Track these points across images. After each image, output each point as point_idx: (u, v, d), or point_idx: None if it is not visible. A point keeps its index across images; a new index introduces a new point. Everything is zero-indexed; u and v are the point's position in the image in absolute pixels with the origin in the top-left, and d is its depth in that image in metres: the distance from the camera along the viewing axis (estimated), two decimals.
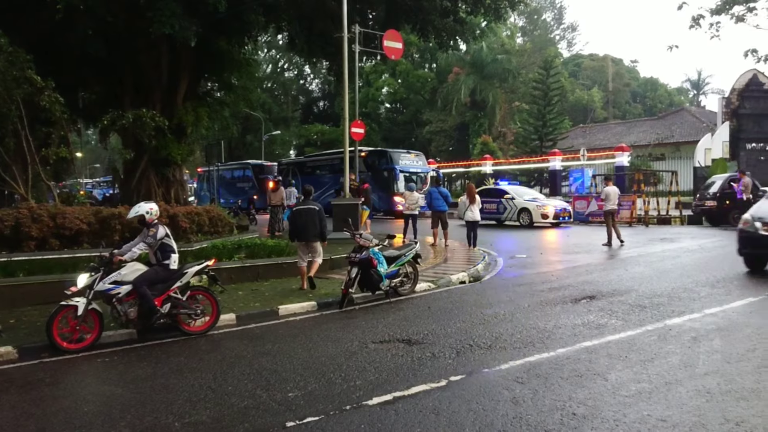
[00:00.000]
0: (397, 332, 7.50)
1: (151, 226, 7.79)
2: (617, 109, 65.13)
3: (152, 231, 7.72)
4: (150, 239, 7.72)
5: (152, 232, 7.71)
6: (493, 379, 5.50)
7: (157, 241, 7.74)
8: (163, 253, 7.82)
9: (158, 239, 7.75)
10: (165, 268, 7.79)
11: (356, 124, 18.86)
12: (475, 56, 52.06)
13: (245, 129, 59.28)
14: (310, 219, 10.53)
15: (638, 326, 7.30)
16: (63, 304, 7.15)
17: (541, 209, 22.73)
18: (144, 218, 7.85)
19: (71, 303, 7.15)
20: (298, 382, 5.57)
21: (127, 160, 23.56)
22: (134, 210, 8.05)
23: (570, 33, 78.37)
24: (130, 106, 20.39)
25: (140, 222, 7.94)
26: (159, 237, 7.76)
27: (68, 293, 7.28)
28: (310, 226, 10.53)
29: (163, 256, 7.81)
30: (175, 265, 7.91)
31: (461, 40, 27.76)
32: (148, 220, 7.85)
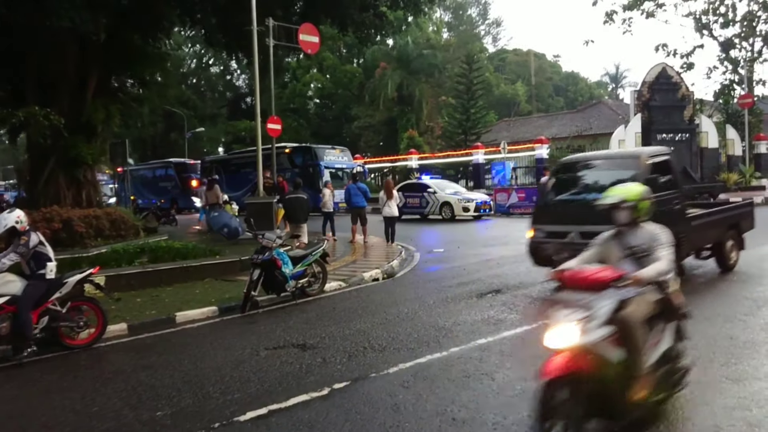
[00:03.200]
0: (294, 337, 7.22)
1: (22, 234, 7.11)
2: (540, 103, 66.73)
3: (23, 239, 7.01)
4: (22, 248, 7.01)
5: (23, 240, 7.01)
6: (378, 385, 5.30)
7: (30, 250, 7.09)
8: (38, 262, 7.16)
9: (31, 248, 7.09)
10: (41, 279, 7.16)
11: (273, 119, 18.41)
12: (401, 51, 52.15)
13: (169, 126, 57.37)
14: (299, 206, 13.30)
15: (536, 320, 7.27)
16: None
17: (462, 203, 22.87)
18: (15, 229, 7.14)
19: None
20: (171, 399, 5.21)
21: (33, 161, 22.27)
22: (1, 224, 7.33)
23: (495, 28, 79.67)
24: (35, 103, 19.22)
25: (11, 234, 7.21)
26: (32, 245, 7.10)
27: None
28: (299, 211, 13.29)
29: (38, 265, 7.15)
30: (52, 274, 7.25)
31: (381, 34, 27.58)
32: (20, 229, 7.19)
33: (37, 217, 11.40)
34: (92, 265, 10.63)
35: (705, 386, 4.99)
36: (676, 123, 28.89)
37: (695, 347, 5.91)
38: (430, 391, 5.06)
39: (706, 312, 7.47)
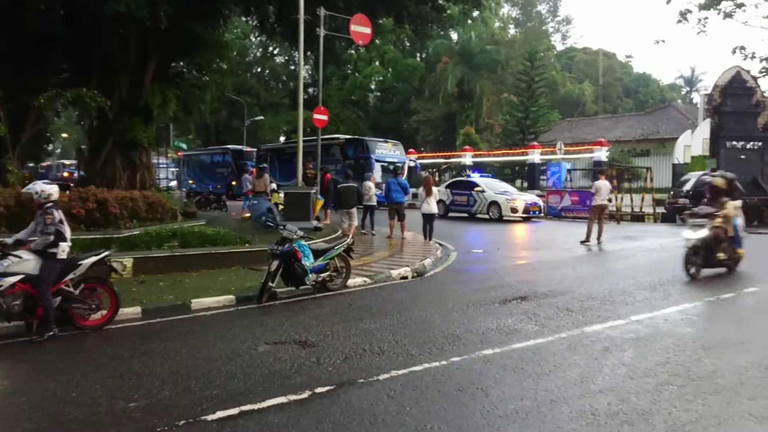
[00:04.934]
0: (298, 332, 7.01)
1: (46, 211, 7.05)
2: (608, 104, 64.53)
3: (49, 218, 6.99)
4: (50, 227, 7.02)
5: (49, 219, 7.00)
6: (362, 393, 5.01)
7: (54, 227, 7.06)
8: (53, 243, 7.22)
9: (56, 224, 7.07)
10: (53, 258, 7.16)
11: (319, 110, 18.30)
12: (464, 46, 51.48)
13: (232, 114, 58.56)
14: (350, 193, 15.50)
15: (553, 333, 6.82)
16: None
17: (510, 203, 22.21)
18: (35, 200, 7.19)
19: None
20: (151, 390, 5.07)
21: (93, 142, 23.01)
22: (29, 187, 7.41)
23: (564, 26, 77.72)
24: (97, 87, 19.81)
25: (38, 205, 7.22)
26: (57, 221, 7.07)
27: None
28: (350, 198, 15.41)
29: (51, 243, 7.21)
30: (63, 255, 7.21)
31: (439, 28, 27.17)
32: (36, 203, 7.23)
33: (72, 196, 11.63)
34: (122, 246, 10.89)
35: (724, 422, 4.47)
36: (748, 130, 27.16)
37: (722, 375, 5.38)
38: (415, 403, 4.73)
39: (743, 335, 6.84)
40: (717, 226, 10.52)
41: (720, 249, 10.52)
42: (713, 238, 10.43)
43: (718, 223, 10.54)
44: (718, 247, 10.48)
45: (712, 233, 10.42)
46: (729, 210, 10.76)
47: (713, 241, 10.41)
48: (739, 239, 10.91)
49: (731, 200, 11.05)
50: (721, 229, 10.55)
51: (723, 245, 10.56)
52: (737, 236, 10.82)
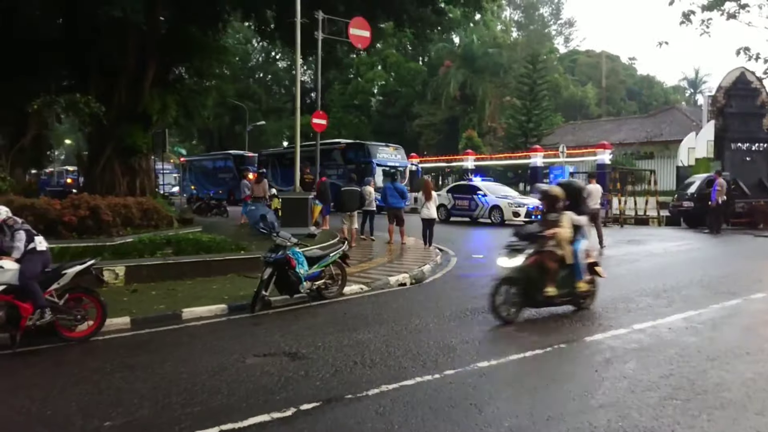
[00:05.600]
0: (289, 343, 6.79)
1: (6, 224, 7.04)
2: (611, 107, 64.21)
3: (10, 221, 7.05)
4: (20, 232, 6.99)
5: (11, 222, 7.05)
6: (349, 410, 4.77)
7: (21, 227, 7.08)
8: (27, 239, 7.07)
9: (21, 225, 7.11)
10: (32, 252, 7.02)
11: (318, 114, 18.11)
12: (466, 49, 51.27)
13: (234, 119, 58.52)
14: (353, 197, 15.88)
15: (553, 343, 6.58)
16: None
17: (512, 207, 21.95)
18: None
19: None
20: (129, 407, 4.85)
21: (92, 148, 22.89)
22: None
23: (567, 28, 77.32)
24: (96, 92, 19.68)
25: None
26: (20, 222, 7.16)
27: None
28: (352, 201, 15.76)
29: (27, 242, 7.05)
30: (42, 246, 7.16)
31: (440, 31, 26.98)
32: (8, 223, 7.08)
33: (65, 204, 11.45)
34: (114, 254, 10.69)
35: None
36: (754, 132, 26.84)
37: (728, 388, 5.13)
38: (404, 422, 4.49)
39: (750, 344, 6.58)
40: (543, 251, 7.83)
41: (548, 282, 7.70)
42: (536, 268, 7.76)
43: (549, 247, 7.85)
44: (545, 280, 7.71)
45: (533, 261, 7.77)
46: (562, 229, 7.87)
47: (536, 271, 7.74)
48: (579, 269, 7.97)
49: (576, 214, 8.27)
50: (549, 255, 7.80)
51: (553, 277, 7.74)
52: (578, 264, 7.95)
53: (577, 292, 8.01)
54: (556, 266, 7.78)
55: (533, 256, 7.80)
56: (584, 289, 8.05)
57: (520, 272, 7.73)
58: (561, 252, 7.84)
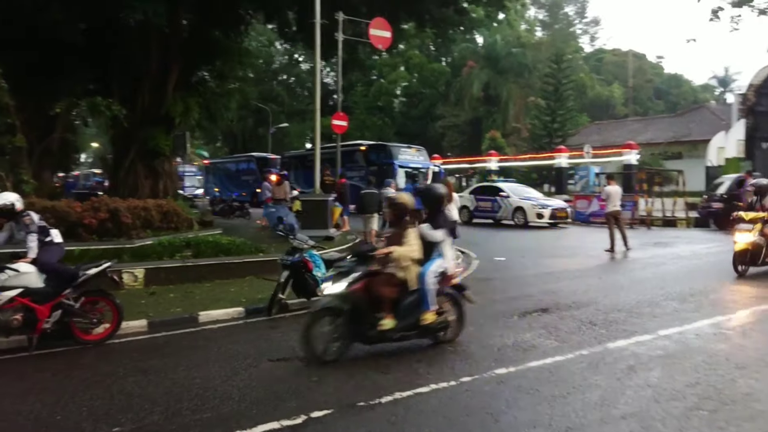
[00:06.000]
0: None
1: (23, 215, 7.24)
2: (638, 106, 63.19)
3: (27, 219, 7.22)
4: (33, 227, 7.23)
5: (28, 220, 7.21)
6: (361, 418, 4.65)
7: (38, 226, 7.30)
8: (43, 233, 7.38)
9: (38, 224, 7.32)
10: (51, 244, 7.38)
11: (338, 116, 18.05)
12: (490, 49, 50.92)
13: (258, 121, 58.88)
14: (372, 199, 15.59)
15: (573, 349, 6.37)
16: None
17: (536, 208, 21.65)
18: (13, 210, 7.24)
19: None
20: (139, 413, 4.78)
21: (116, 151, 23.17)
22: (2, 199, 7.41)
23: (593, 27, 76.61)
24: (120, 95, 19.90)
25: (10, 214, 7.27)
26: (37, 221, 7.34)
27: None
28: (371, 203, 15.50)
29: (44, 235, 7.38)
30: (59, 238, 7.57)
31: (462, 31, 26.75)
32: (18, 210, 7.27)
33: (85, 207, 11.53)
34: (134, 257, 10.72)
35: None
36: None
37: (758, 398, 4.89)
38: (417, 431, 4.35)
39: None
40: (376, 274, 6.36)
41: (384, 313, 6.20)
42: (365, 295, 6.23)
43: (389, 268, 6.35)
44: (377, 310, 6.23)
45: (360, 286, 6.23)
46: (403, 247, 6.28)
47: (365, 299, 6.24)
48: (427, 296, 6.31)
49: (432, 227, 6.61)
50: (384, 279, 6.29)
51: (390, 306, 6.21)
52: (425, 290, 6.28)
53: (425, 324, 6.32)
54: (393, 292, 6.20)
55: (361, 281, 6.24)
56: (432, 321, 6.33)
57: (345, 300, 6.16)
58: (403, 275, 6.30)
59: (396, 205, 6.78)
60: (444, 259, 6.60)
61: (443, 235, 6.64)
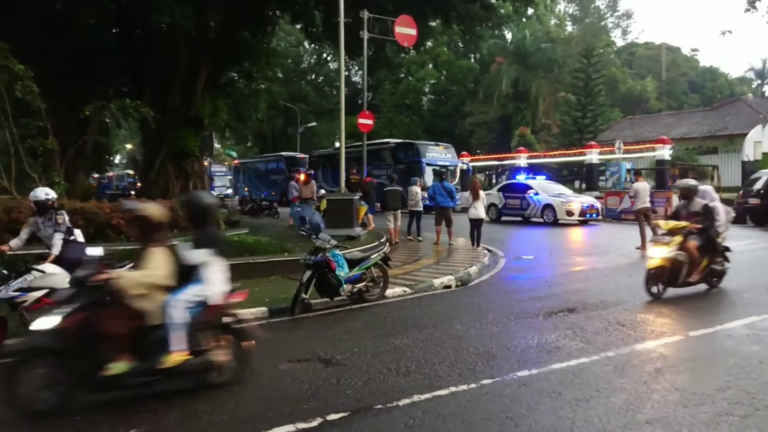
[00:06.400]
0: (325, 349, 6.63)
1: (57, 212, 7.49)
2: (672, 100, 61.81)
3: (60, 218, 7.44)
4: (63, 227, 7.46)
5: (61, 219, 7.44)
6: (377, 422, 4.58)
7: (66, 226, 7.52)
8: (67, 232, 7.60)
9: (68, 224, 7.54)
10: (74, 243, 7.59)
11: (364, 114, 17.98)
12: (518, 45, 50.39)
13: (287, 121, 59.25)
14: (395, 196, 16.15)
15: (599, 351, 6.21)
16: None
17: (565, 205, 21.31)
18: (46, 204, 7.47)
19: None
20: (158, 413, 4.79)
21: (147, 152, 23.52)
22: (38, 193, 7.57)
23: (625, 21, 75.17)
24: (150, 97, 20.21)
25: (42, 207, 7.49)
26: (68, 221, 7.56)
27: None
28: (394, 200, 16.10)
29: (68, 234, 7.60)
30: (81, 237, 7.82)
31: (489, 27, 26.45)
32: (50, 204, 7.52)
33: (113, 208, 11.68)
34: None
35: None
36: None
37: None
38: None
39: None
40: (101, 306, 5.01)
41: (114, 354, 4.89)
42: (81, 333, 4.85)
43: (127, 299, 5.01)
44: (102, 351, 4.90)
45: (73, 322, 4.84)
46: (137, 273, 5.13)
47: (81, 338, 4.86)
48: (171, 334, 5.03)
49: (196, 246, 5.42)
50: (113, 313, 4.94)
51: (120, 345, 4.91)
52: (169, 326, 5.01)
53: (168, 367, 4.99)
54: (122, 328, 4.86)
55: (75, 315, 4.85)
56: (177, 363, 4.98)
57: (59, 340, 4.86)
58: (141, 306, 5.02)
59: (138, 219, 5.34)
60: (205, 286, 5.31)
61: (206, 255, 5.35)
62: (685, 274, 8.76)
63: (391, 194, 16.25)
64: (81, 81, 19.11)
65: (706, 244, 9.01)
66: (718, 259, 9.33)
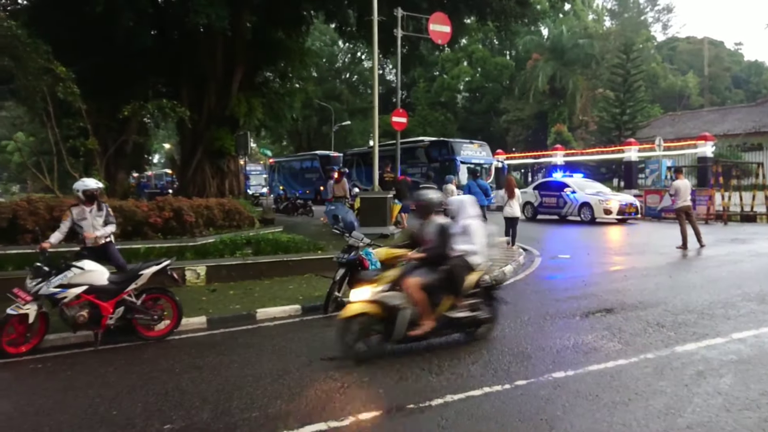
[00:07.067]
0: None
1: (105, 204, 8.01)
2: (715, 96, 60.18)
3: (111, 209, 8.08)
4: (112, 218, 8.02)
5: (111, 210, 8.09)
6: (410, 421, 4.53)
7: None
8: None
9: None
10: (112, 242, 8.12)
11: (397, 112, 17.94)
12: (555, 41, 49.65)
13: (322, 120, 59.55)
14: None
15: (638, 353, 6.04)
16: (12, 313, 6.72)
17: (603, 204, 20.90)
18: (94, 194, 7.88)
19: (22, 311, 6.74)
20: (191, 410, 4.83)
21: (184, 152, 23.92)
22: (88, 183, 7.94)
23: (665, 15, 73.55)
24: (187, 98, 20.55)
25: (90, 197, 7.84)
26: None
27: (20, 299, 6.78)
28: None
29: None
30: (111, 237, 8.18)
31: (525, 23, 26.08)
32: (98, 194, 7.98)
33: (150, 206, 11.89)
34: (196, 254, 10.96)
35: None
36: None
37: None
38: None
39: None
40: None
41: None
42: None
43: None
44: None
45: None
46: None
47: None
48: None
49: None
50: None
51: None
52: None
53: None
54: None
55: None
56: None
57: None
58: None
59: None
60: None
61: None
62: (405, 323, 6.09)
63: None
64: (120, 82, 19.52)
65: (443, 280, 6.42)
66: (474, 302, 6.63)
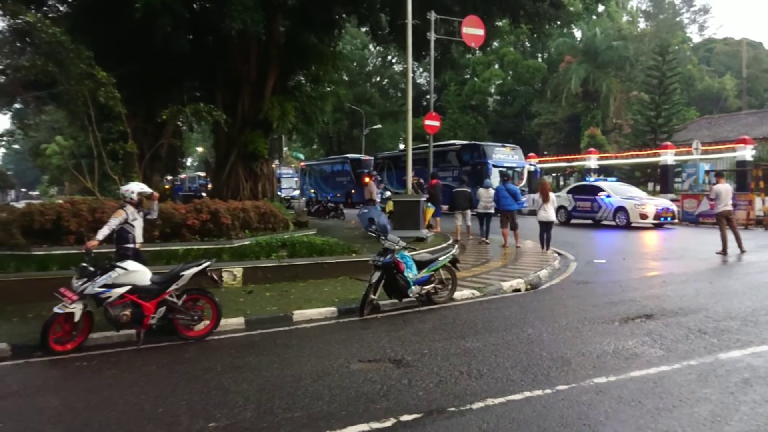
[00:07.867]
0: (395, 350, 6.65)
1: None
2: (754, 98, 58.75)
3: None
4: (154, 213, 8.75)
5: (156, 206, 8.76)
6: (450, 424, 4.52)
7: None
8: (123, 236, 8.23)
9: None
10: None
11: (430, 116, 17.94)
12: (588, 43, 49.12)
13: (353, 123, 59.84)
14: (463, 197, 17.01)
15: (681, 359, 5.95)
16: (59, 312, 6.90)
17: (639, 208, 20.58)
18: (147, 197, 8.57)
19: (68, 310, 6.92)
20: (234, 409, 4.91)
21: (218, 155, 24.27)
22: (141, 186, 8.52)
23: (701, 16, 72.12)
24: (222, 101, 20.86)
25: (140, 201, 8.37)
26: None
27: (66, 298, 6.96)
28: (464, 201, 17.03)
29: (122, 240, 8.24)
30: None
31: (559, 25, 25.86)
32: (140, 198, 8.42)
33: (188, 208, 12.08)
34: (233, 256, 11.11)
35: None
36: None
37: None
38: None
39: None
40: None
41: None
42: None
43: None
44: None
45: None
46: None
47: None
48: None
49: None
50: None
51: None
52: None
53: None
54: None
55: None
56: None
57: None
58: None
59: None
60: None
61: None
62: None
63: (460, 195, 17.00)
64: (157, 87, 19.90)
65: None
66: None
